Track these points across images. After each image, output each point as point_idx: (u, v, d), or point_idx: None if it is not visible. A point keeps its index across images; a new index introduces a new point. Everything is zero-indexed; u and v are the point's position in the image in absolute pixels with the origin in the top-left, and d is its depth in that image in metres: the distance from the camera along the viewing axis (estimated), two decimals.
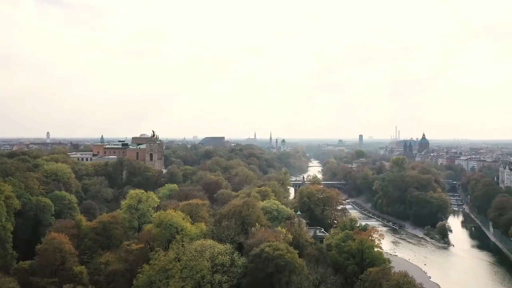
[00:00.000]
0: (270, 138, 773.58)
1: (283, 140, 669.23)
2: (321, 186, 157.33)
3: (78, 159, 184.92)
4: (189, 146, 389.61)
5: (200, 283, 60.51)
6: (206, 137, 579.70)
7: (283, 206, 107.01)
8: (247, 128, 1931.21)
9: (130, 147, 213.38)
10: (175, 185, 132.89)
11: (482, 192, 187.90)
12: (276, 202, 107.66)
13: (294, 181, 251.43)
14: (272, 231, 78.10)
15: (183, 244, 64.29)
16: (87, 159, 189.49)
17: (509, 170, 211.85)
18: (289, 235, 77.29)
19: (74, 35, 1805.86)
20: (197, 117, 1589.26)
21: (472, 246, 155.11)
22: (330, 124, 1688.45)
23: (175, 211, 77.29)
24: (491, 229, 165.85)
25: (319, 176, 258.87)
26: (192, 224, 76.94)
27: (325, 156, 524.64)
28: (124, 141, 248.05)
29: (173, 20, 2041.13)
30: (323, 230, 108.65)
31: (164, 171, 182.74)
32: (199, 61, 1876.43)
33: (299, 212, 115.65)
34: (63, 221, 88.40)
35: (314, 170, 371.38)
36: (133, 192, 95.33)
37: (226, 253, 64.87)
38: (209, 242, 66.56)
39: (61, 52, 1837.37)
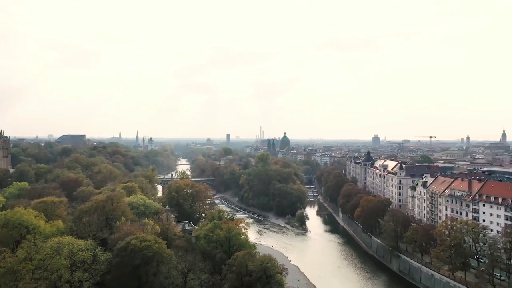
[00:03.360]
0: (137, 136, 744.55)
1: (151, 139, 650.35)
2: (190, 181, 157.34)
3: None
4: (43, 145, 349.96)
5: (57, 283, 54.88)
6: (64, 135, 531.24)
7: (151, 201, 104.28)
8: (112, 127, 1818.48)
9: None
10: (26, 183, 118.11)
11: (333, 183, 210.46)
12: (143, 197, 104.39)
13: (163, 179, 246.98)
14: (139, 225, 75.55)
15: (35, 243, 57.48)
16: None
17: (354, 164, 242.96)
18: (157, 227, 75.75)
19: None
20: (53, 114, 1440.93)
21: (325, 231, 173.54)
22: (199, 124, 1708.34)
23: (25, 209, 68.84)
24: (340, 215, 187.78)
25: (188, 173, 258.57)
26: (47, 222, 69.53)
27: (194, 155, 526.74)
28: None
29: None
30: (191, 224, 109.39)
31: (12, 170, 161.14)
32: (55, 53, 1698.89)
33: (167, 207, 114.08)
34: None
35: (183, 167, 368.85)
36: None
37: (88, 249, 60.16)
38: (68, 239, 60.88)
39: None
